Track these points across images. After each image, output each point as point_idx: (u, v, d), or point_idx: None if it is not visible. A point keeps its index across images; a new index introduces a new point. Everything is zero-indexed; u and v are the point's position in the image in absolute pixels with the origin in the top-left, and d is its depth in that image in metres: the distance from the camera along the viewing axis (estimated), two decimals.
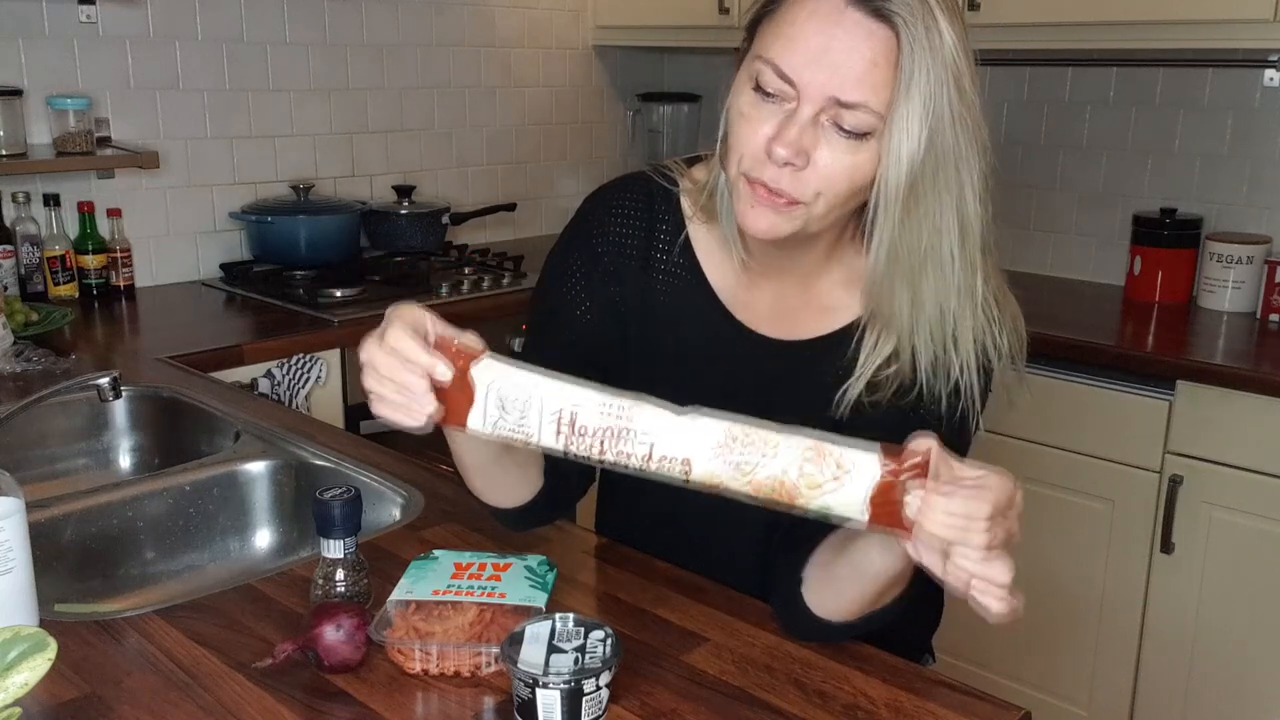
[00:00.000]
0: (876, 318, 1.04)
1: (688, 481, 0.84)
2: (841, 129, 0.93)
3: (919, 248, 0.97)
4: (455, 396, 0.86)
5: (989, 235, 0.99)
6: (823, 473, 0.81)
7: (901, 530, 0.82)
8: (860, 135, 0.93)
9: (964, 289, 0.99)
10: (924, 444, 0.82)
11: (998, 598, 0.82)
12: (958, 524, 0.80)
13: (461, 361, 0.86)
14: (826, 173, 0.94)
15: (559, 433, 0.84)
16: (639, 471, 0.84)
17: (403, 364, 0.86)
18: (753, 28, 0.99)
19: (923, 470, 0.81)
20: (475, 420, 0.86)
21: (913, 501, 0.80)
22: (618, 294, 1.15)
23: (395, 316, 0.88)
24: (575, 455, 0.85)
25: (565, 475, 1.12)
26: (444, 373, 0.86)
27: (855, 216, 1.04)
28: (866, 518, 0.82)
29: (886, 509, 0.81)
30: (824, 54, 0.91)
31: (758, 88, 0.95)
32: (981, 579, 0.81)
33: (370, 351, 0.87)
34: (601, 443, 0.84)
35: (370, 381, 0.88)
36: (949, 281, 0.98)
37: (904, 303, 0.99)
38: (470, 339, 0.88)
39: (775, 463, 0.82)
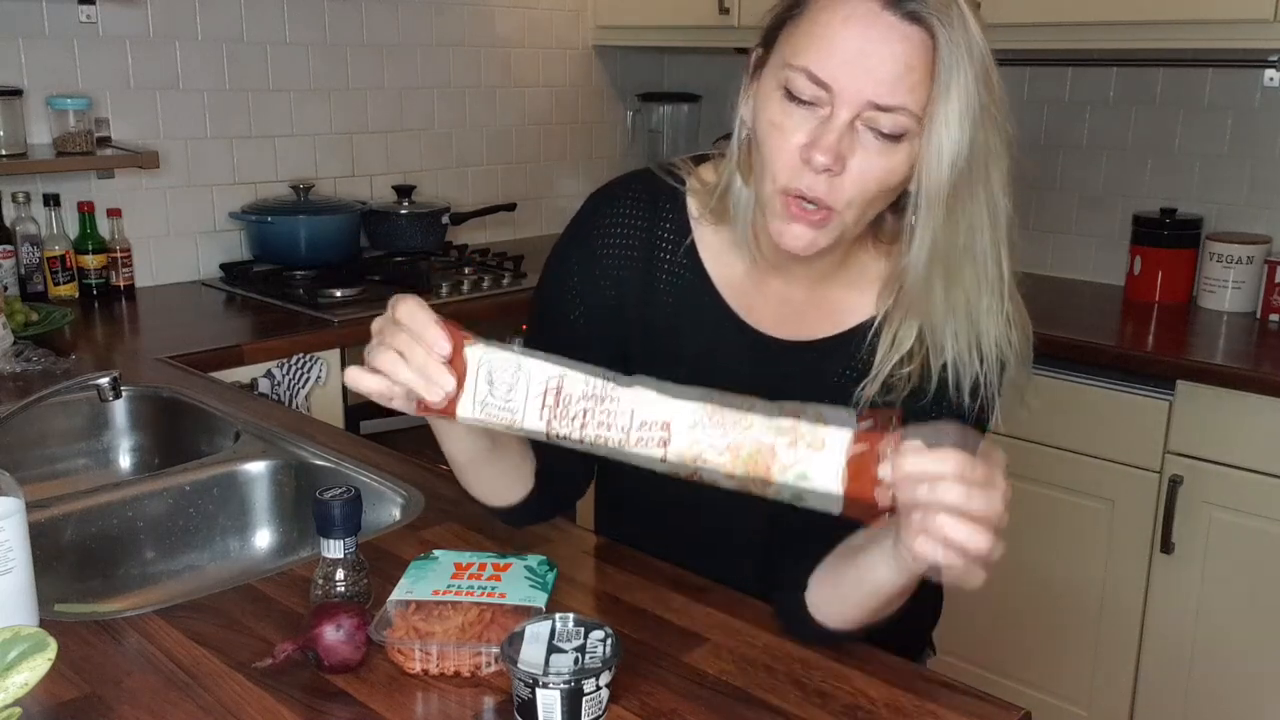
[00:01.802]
0: (894, 318, 1.04)
1: (665, 458, 0.84)
2: (880, 132, 0.93)
3: (958, 245, 0.97)
4: None
5: (1012, 228, 0.99)
6: (797, 441, 0.81)
7: (876, 510, 0.81)
8: (895, 138, 0.93)
9: (994, 284, 0.99)
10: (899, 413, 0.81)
11: (969, 566, 0.80)
12: (925, 482, 0.79)
13: (458, 340, 0.87)
14: (861, 179, 0.94)
15: (543, 407, 0.85)
16: (619, 448, 0.84)
17: (416, 339, 0.87)
18: (772, 34, 0.99)
19: (897, 439, 0.80)
20: (465, 402, 0.86)
21: (886, 468, 0.80)
22: (615, 297, 1.14)
23: (400, 299, 0.90)
24: (557, 436, 0.85)
25: (565, 473, 1.12)
26: (444, 347, 0.86)
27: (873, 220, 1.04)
28: (842, 490, 0.80)
29: (862, 478, 0.80)
30: (861, 58, 0.91)
31: (789, 96, 0.94)
32: (953, 544, 0.79)
33: (383, 324, 0.89)
34: (584, 413, 0.84)
35: (381, 359, 0.88)
36: (982, 277, 0.98)
37: (939, 300, 0.99)
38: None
39: (750, 433, 0.82)
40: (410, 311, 0.88)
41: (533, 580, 1.04)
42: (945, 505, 0.79)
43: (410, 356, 0.87)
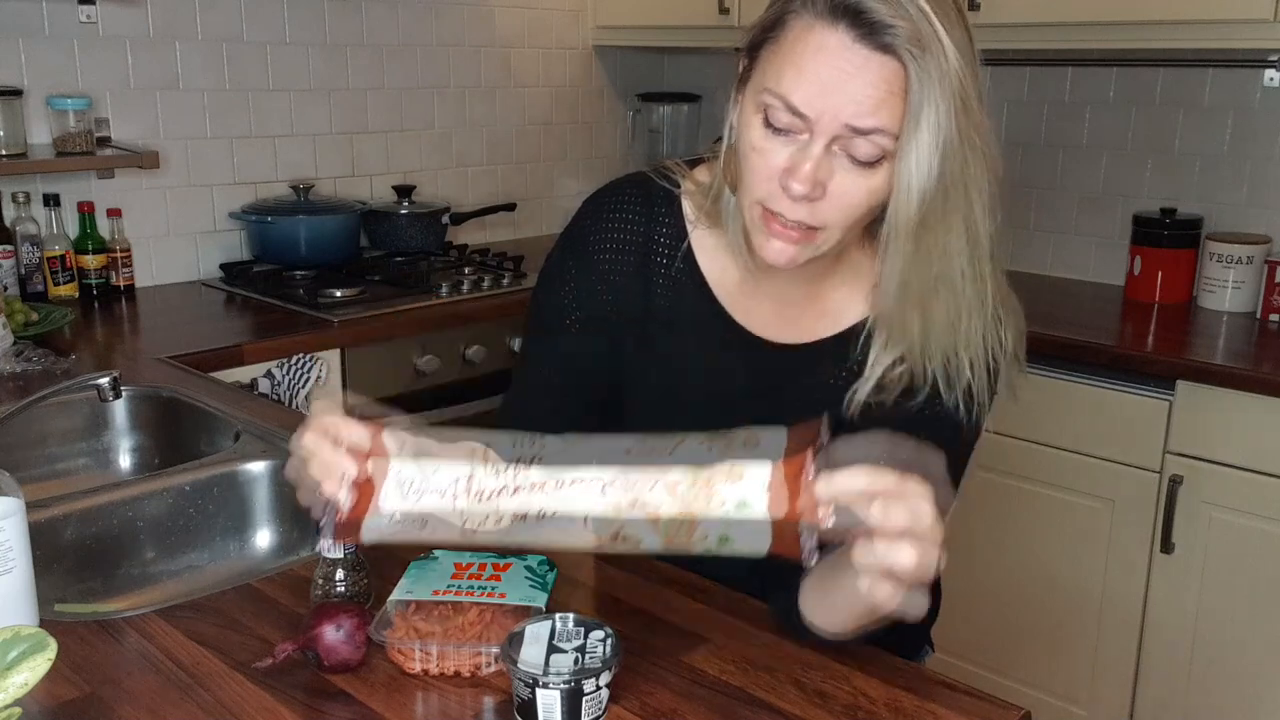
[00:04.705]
0: (883, 327, 1.04)
1: (590, 535, 0.82)
2: (855, 158, 0.93)
3: (930, 274, 0.97)
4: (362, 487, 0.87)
5: (995, 243, 0.99)
6: (714, 478, 0.80)
7: (800, 546, 0.79)
8: (873, 163, 0.93)
9: (974, 303, 0.99)
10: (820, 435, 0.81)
11: (889, 588, 0.80)
12: (843, 498, 0.79)
13: (365, 459, 0.86)
14: (842, 201, 0.95)
15: (455, 502, 0.84)
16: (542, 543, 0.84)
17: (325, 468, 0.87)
18: (754, 50, 0.99)
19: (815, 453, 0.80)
20: (371, 522, 0.85)
21: (806, 496, 0.79)
22: (611, 303, 1.14)
23: (312, 418, 0.90)
24: (473, 534, 0.84)
25: None
26: (349, 470, 0.86)
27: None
28: (769, 516, 0.79)
29: (787, 497, 0.79)
30: (836, 86, 0.91)
31: (768, 123, 0.95)
32: (874, 563, 0.79)
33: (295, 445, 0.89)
34: (498, 508, 0.83)
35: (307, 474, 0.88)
36: (959, 300, 0.99)
37: (915, 325, 1.00)
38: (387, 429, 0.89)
39: (669, 475, 0.81)
40: (316, 440, 0.87)
41: (533, 580, 1.04)
42: (868, 520, 0.78)
43: (326, 478, 0.86)
